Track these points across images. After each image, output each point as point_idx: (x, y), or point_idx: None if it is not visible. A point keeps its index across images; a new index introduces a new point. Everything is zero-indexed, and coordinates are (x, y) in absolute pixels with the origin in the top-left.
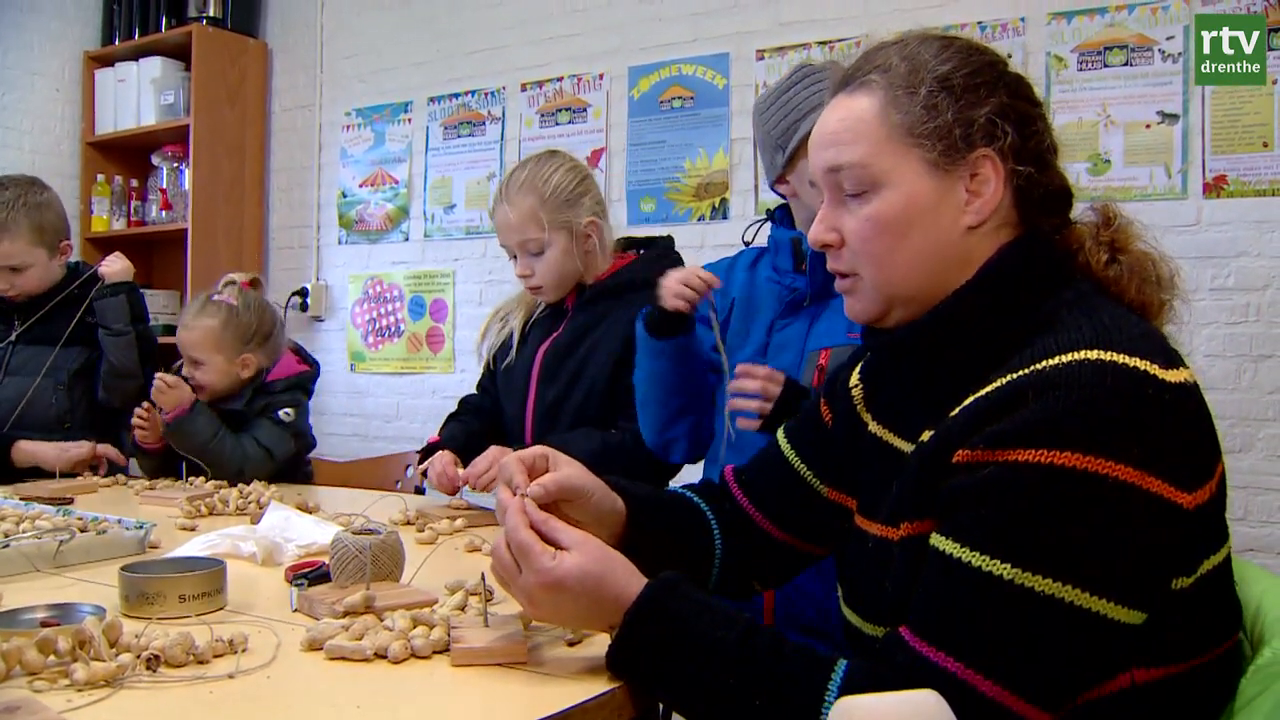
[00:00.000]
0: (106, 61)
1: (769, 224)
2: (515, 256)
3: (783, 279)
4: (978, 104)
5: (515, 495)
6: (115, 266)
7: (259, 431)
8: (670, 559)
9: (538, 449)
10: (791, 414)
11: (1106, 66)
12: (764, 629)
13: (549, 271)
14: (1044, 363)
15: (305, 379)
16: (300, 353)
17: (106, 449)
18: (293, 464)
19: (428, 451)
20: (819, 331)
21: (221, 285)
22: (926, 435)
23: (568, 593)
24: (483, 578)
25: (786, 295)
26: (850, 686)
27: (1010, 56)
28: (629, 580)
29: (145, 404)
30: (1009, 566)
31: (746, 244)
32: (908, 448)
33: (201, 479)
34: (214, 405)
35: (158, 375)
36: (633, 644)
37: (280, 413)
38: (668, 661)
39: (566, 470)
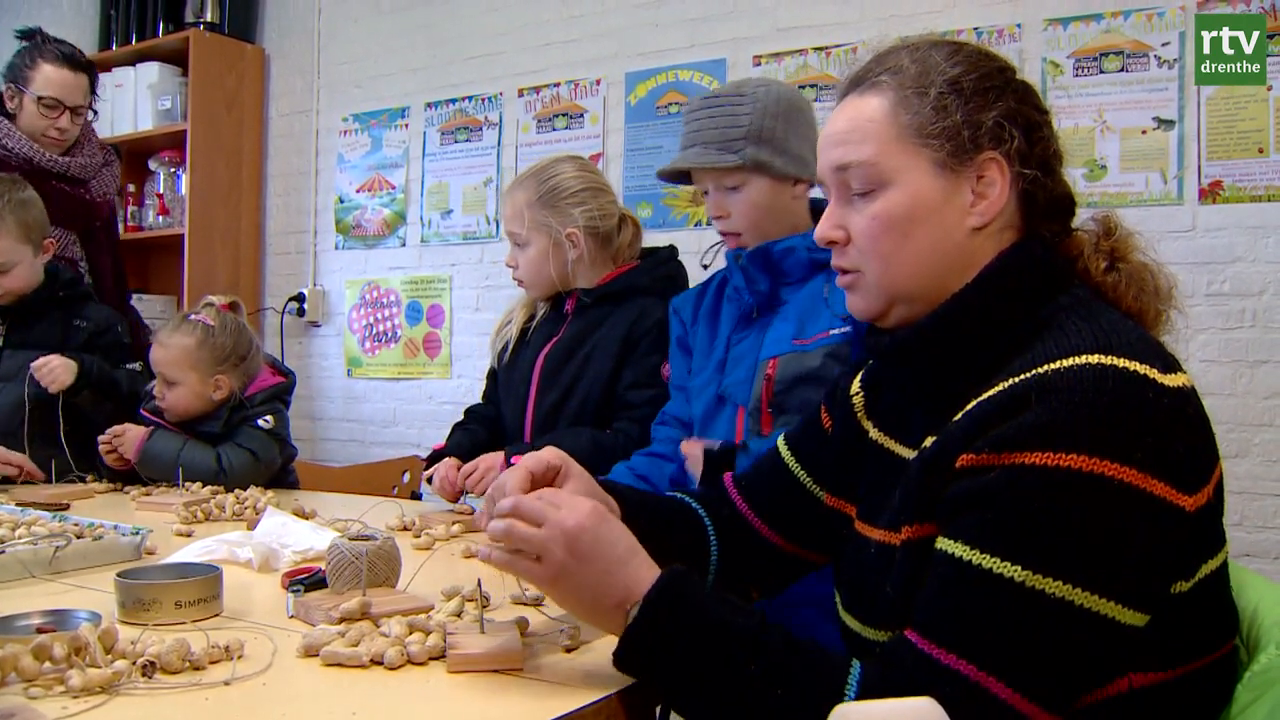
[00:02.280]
0: (104, 67)
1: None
2: None
3: (739, 295)
4: (986, 107)
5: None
6: (59, 378)
7: (240, 437)
8: (664, 563)
9: (550, 456)
10: (728, 470)
11: (1103, 72)
12: (776, 625)
13: (526, 267)
14: (1045, 366)
15: (281, 390)
16: (275, 365)
17: (22, 461)
18: (278, 472)
19: (434, 459)
20: (769, 341)
21: (200, 306)
22: (929, 441)
23: (587, 534)
24: (479, 584)
25: (741, 310)
26: (866, 686)
27: None
28: (640, 559)
29: (106, 434)
30: (1019, 568)
31: (704, 267)
32: (909, 454)
33: (199, 484)
34: (189, 427)
35: (101, 440)
36: (651, 629)
37: (260, 420)
38: (686, 646)
39: (570, 489)
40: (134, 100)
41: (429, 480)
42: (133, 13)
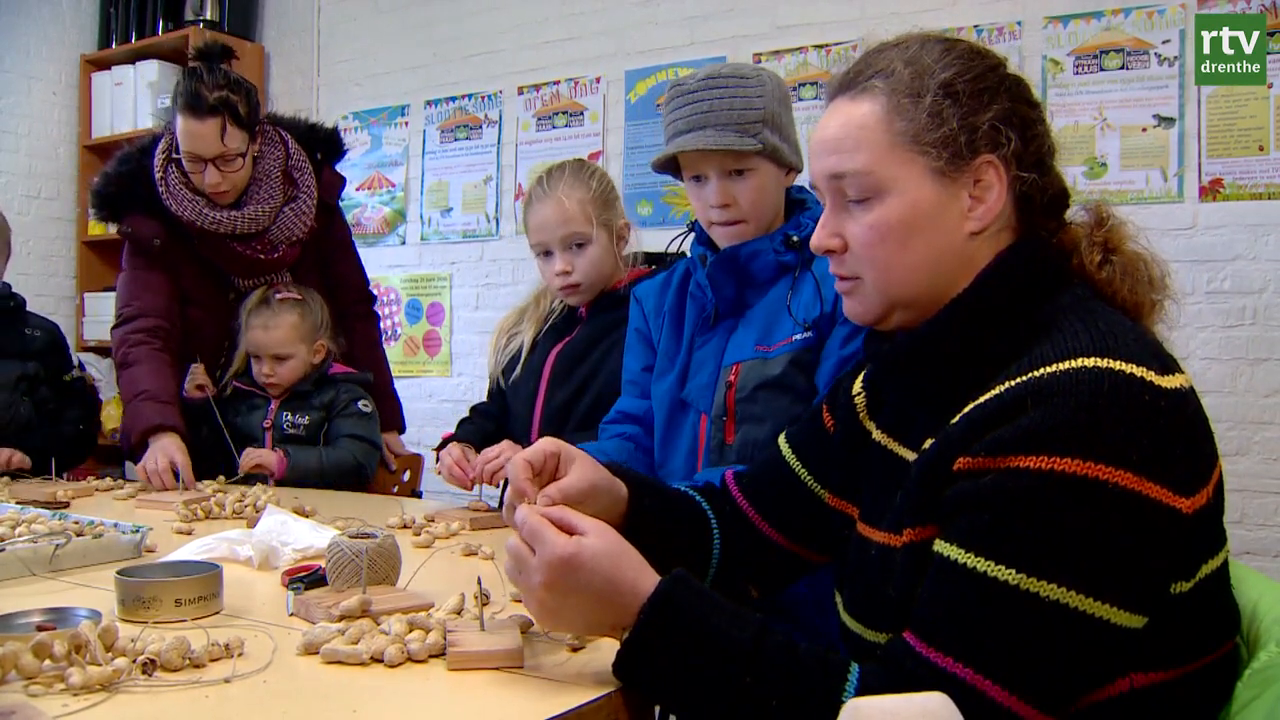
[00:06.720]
0: (103, 65)
1: (693, 234)
2: (547, 254)
3: (702, 294)
4: (981, 110)
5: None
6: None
7: (353, 429)
8: (668, 552)
9: (547, 445)
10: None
11: (1103, 70)
12: (775, 630)
13: (590, 268)
14: (1042, 369)
15: (364, 380)
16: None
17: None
18: None
19: (443, 446)
20: (732, 346)
21: (274, 293)
22: (928, 443)
23: (582, 572)
24: (479, 582)
25: (704, 312)
26: (865, 692)
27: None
28: (641, 572)
29: (246, 458)
30: (1014, 572)
31: (671, 254)
32: (911, 456)
33: (205, 482)
34: (286, 391)
35: (243, 464)
36: (648, 641)
37: (359, 404)
38: (683, 658)
39: (573, 477)
40: (134, 98)
41: (438, 461)
42: (132, 11)
